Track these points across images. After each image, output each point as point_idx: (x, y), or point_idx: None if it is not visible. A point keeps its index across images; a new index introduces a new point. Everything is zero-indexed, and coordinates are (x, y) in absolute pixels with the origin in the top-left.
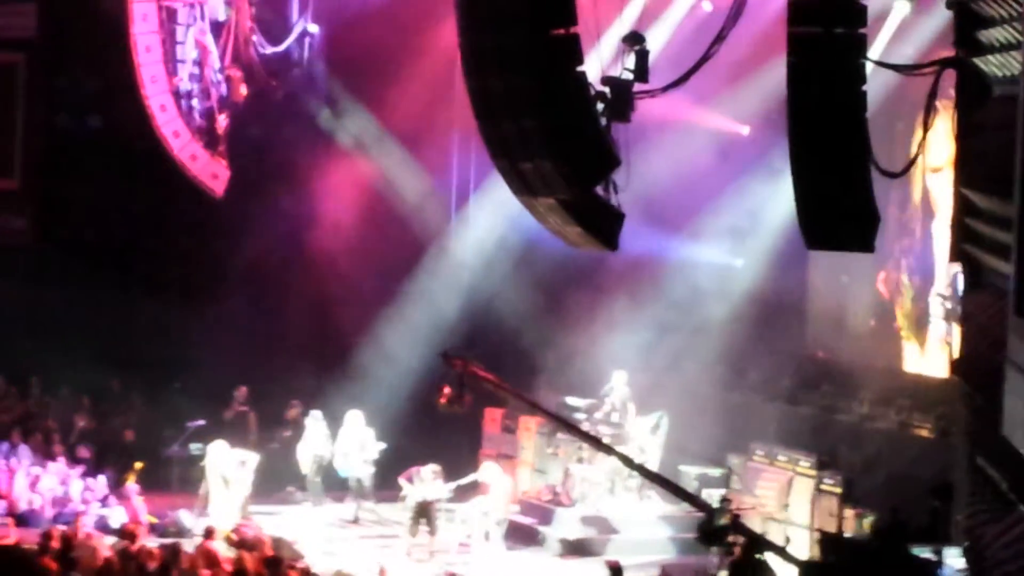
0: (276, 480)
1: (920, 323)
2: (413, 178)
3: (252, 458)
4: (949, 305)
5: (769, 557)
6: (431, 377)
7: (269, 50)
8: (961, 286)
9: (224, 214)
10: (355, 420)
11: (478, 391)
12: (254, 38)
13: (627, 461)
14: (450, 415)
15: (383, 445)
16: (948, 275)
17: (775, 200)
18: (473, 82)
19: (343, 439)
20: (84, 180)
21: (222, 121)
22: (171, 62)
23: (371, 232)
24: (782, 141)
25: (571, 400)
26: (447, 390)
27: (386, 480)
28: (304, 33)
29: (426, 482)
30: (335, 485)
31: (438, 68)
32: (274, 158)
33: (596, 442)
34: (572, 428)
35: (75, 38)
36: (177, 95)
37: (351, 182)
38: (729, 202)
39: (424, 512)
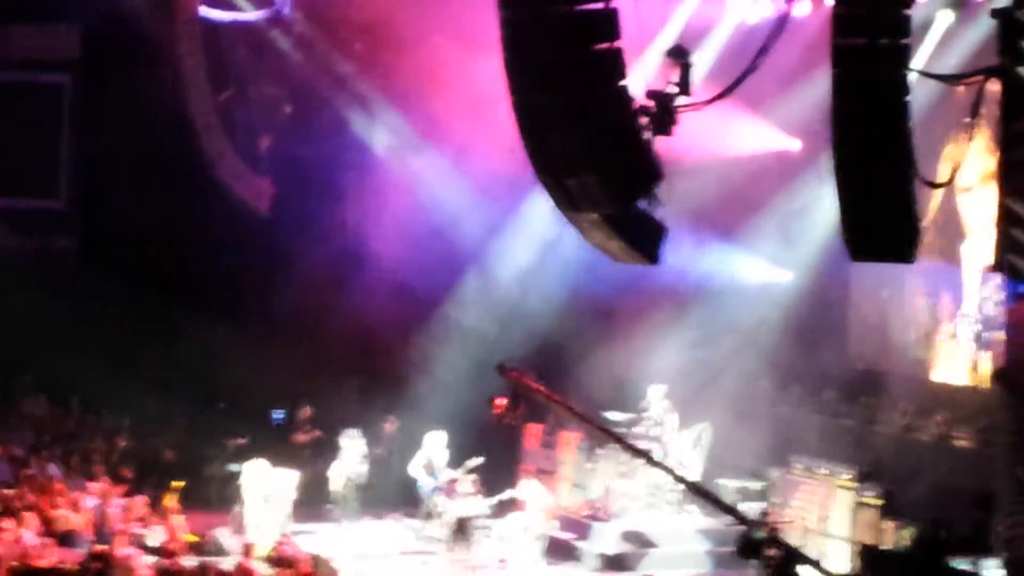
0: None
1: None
2: (455, 190)
3: (292, 477)
4: (979, 327)
5: (806, 571)
6: (471, 394)
7: None
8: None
9: (268, 233)
10: (437, 441)
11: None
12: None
13: (673, 474)
14: (491, 431)
15: (477, 461)
16: (978, 297)
17: (819, 211)
18: (517, 98)
19: (423, 459)
20: (128, 200)
21: (265, 139)
22: (215, 81)
23: (414, 247)
24: (826, 153)
25: (611, 415)
26: (503, 402)
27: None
28: None
29: (465, 497)
30: (372, 503)
31: (483, 80)
32: (317, 175)
33: (645, 456)
34: (622, 442)
35: (119, 58)
36: (221, 114)
37: (394, 197)
38: (774, 213)
39: (463, 528)
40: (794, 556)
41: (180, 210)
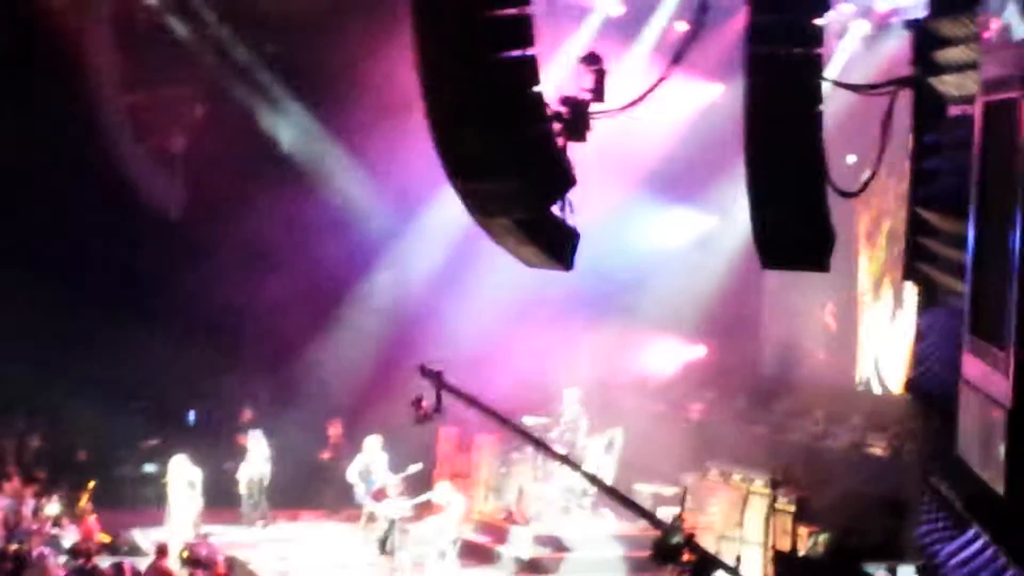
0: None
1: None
2: (366, 190)
3: (199, 475)
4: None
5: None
6: (383, 393)
7: None
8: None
9: (180, 233)
10: (373, 445)
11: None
12: None
13: (592, 479)
14: (403, 433)
15: (416, 467)
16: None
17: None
18: (429, 102)
19: (360, 464)
20: (38, 200)
21: (177, 139)
22: (127, 81)
23: (325, 246)
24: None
25: (526, 419)
26: (424, 403)
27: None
28: None
29: (393, 500)
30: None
31: (396, 81)
32: (229, 175)
33: (564, 460)
34: (541, 445)
35: (29, 58)
36: (132, 114)
37: (306, 197)
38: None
39: (391, 530)
40: (709, 561)
41: (92, 211)
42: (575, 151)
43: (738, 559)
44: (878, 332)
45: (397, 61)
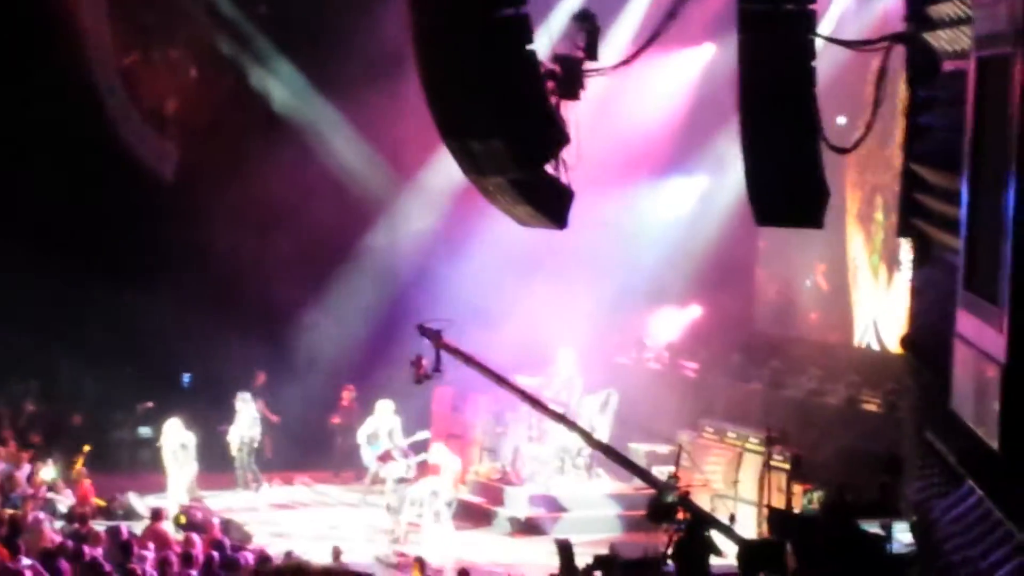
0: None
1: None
2: (361, 150)
3: (192, 439)
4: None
5: (715, 534)
6: (377, 356)
7: None
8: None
9: (174, 198)
10: (385, 409)
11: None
12: None
13: (588, 437)
14: (400, 395)
15: (425, 434)
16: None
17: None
18: (423, 61)
19: (370, 427)
20: (33, 165)
21: (170, 102)
22: (120, 44)
23: (319, 209)
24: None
25: (520, 379)
26: (424, 362)
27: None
28: None
29: (397, 462)
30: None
31: (387, 39)
32: (222, 138)
33: (562, 419)
34: (539, 405)
35: (21, 21)
36: (126, 77)
37: (301, 158)
38: (681, 176)
39: (395, 492)
40: (704, 519)
41: (86, 175)
42: (569, 109)
43: (732, 517)
44: (874, 295)
45: (389, 20)
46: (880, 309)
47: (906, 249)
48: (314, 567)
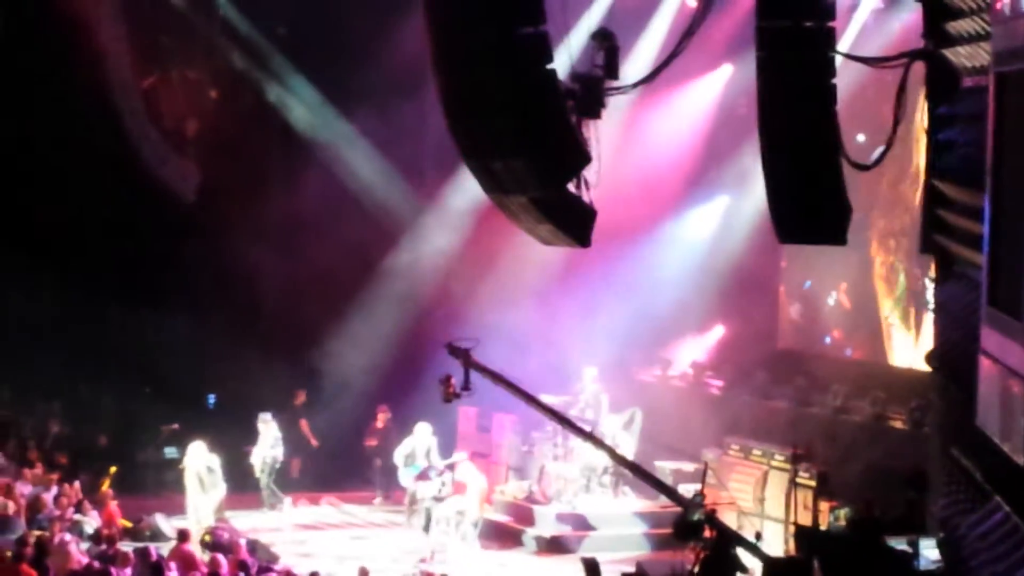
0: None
1: (912, 311)
2: (381, 170)
3: (217, 461)
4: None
5: (742, 552)
6: (399, 376)
7: None
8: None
9: (195, 218)
10: (423, 431)
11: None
12: None
13: (614, 455)
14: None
15: (462, 455)
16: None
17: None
18: (442, 81)
19: (407, 448)
20: (52, 185)
21: (191, 123)
22: (141, 65)
23: (340, 228)
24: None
25: (544, 398)
26: (453, 381)
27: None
28: None
29: (433, 481)
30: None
31: (407, 59)
32: (243, 158)
33: (590, 437)
34: (567, 423)
35: (41, 43)
36: (146, 98)
37: (320, 177)
38: (703, 197)
39: (431, 512)
40: (730, 537)
41: (106, 195)
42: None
43: (758, 535)
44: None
45: (408, 37)
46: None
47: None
48: None
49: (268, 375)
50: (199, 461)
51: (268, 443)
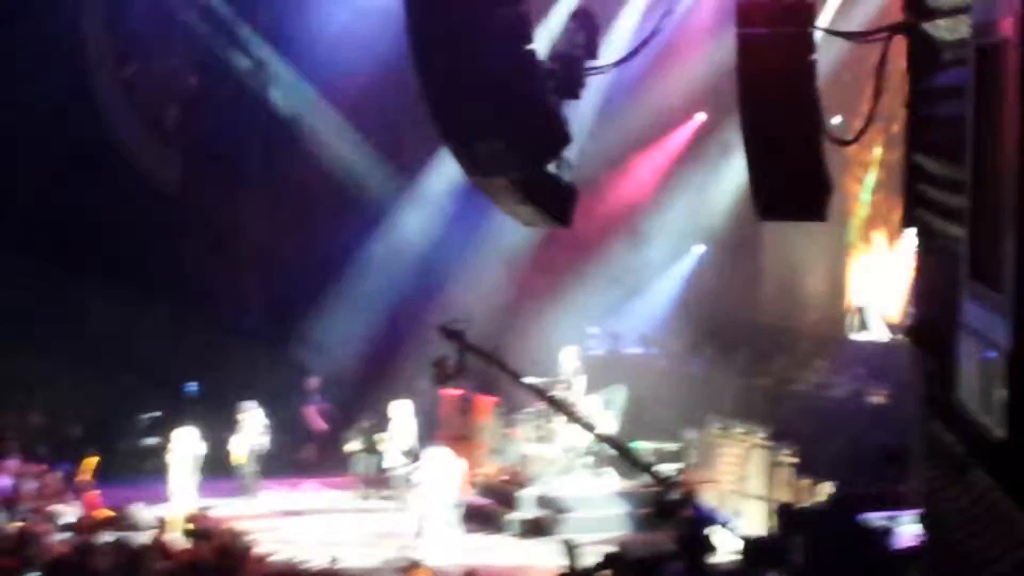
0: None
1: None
2: (360, 153)
3: (203, 449)
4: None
5: (722, 531)
6: (381, 356)
7: None
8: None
9: (175, 204)
10: (402, 411)
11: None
12: None
13: (602, 437)
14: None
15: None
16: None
17: (724, 179)
18: (419, 62)
19: (388, 430)
20: (31, 174)
21: (171, 111)
22: (120, 54)
23: (321, 211)
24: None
25: (526, 380)
26: (447, 363)
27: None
28: None
29: (412, 463)
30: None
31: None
32: (224, 145)
33: (576, 417)
34: (556, 404)
35: (21, 32)
36: (126, 87)
37: (300, 163)
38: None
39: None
40: (710, 516)
41: (85, 184)
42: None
43: (736, 514)
44: (871, 280)
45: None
46: (878, 295)
47: (905, 237)
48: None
49: (248, 362)
50: (188, 448)
51: (256, 431)
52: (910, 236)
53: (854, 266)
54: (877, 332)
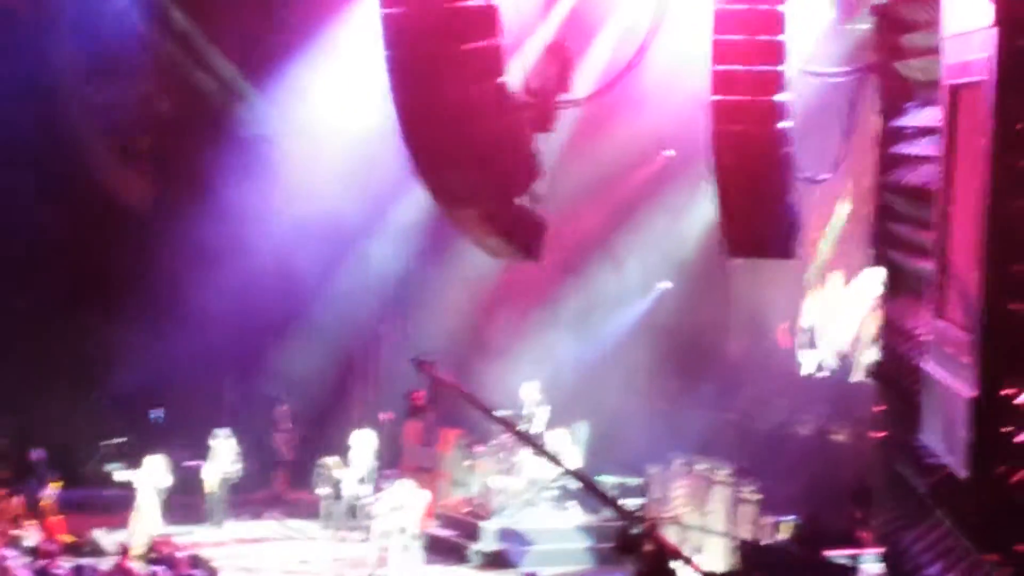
0: None
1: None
2: (334, 179)
3: (169, 479)
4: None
5: (680, 567)
6: (345, 386)
7: None
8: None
9: (145, 227)
10: (363, 441)
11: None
12: None
13: (568, 471)
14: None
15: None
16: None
17: (693, 215)
18: (396, 93)
19: (357, 463)
20: (1, 198)
21: (143, 135)
22: (91, 76)
23: (294, 237)
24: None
25: (496, 413)
26: (421, 395)
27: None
28: None
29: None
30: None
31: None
32: (195, 169)
33: (544, 452)
34: (525, 438)
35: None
36: (97, 110)
37: (273, 187)
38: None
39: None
40: (670, 552)
41: (58, 206)
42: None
43: (697, 549)
44: (828, 317)
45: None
46: (835, 332)
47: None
48: None
49: (213, 390)
50: (156, 476)
51: (228, 459)
52: (865, 275)
53: (809, 299)
54: (824, 353)
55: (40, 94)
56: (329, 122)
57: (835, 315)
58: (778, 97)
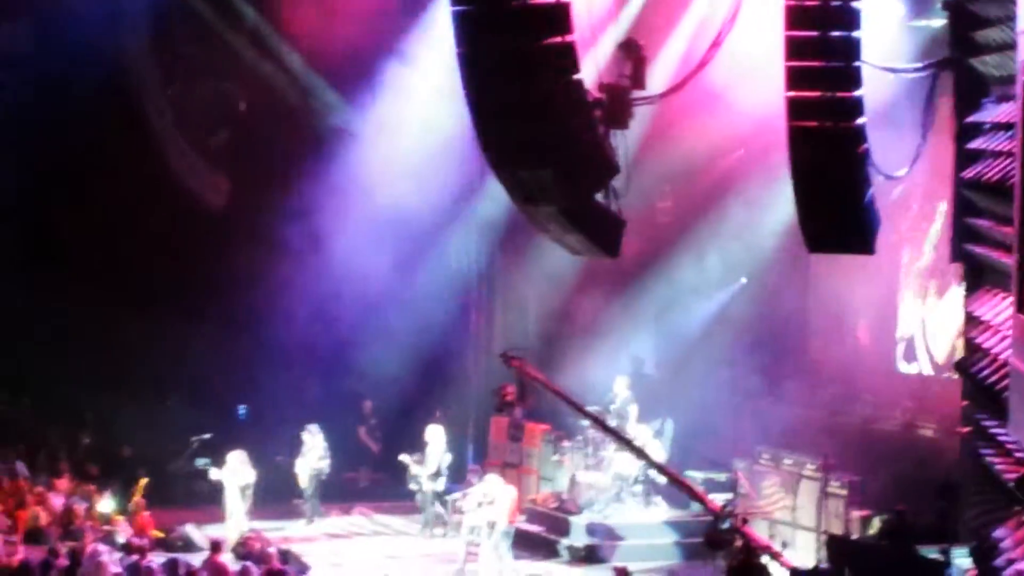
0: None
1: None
2: (411, 181)
3: (253, 474)
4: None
5: (769, 562)
6: (433, 383)
7: None
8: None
9: (223, 227)
10: (436, 435)
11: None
12: None
13: (654, 464)
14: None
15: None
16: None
17: (771, 212)
18: (471, 92)
19: (432, 457)
20: (78, 194)
21: (220, 134)
22: (167, 75)
23: (370, 239)
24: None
25: (587, 408)
26: (510, 390)
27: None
28: None
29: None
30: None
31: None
32: (272, 169)
33: (632, 446)
34: (613, 432)
35: (68, 54)
36: (175, 108)
37: (351, 189)
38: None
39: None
40: (760, 547)
41: (132, 205)
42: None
43: (784, 544)
44: (924, 316)
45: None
46: (931, 329)
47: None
48: None
49: (295, 385)
50: (239, 472)
51: (316, 454)
52: (961, 286)
53: (905, 306)
54: (923, 363)
55: (120, 94)
56: (408, 118)
57: (933, 322)
58: (853, 93)
